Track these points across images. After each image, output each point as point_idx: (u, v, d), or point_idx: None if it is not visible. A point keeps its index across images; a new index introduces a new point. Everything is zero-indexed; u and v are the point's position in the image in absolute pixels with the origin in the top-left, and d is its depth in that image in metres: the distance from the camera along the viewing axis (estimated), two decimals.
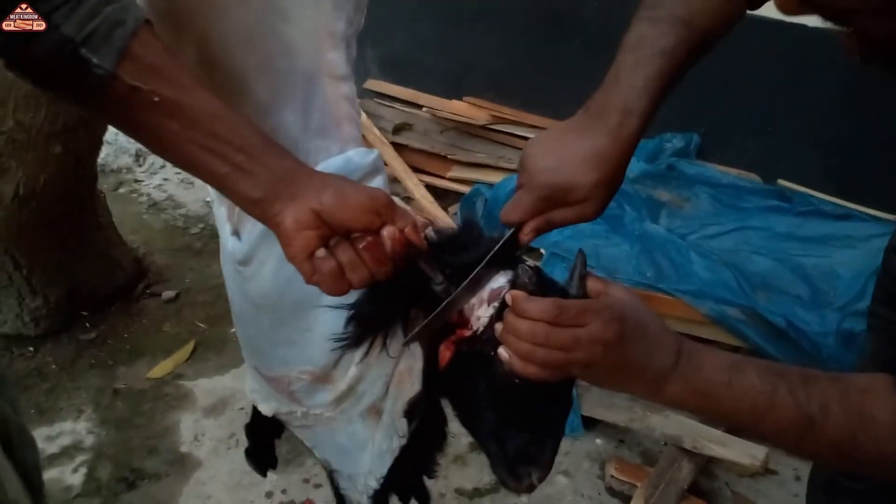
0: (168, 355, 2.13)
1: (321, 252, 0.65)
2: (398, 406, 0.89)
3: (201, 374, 2.08)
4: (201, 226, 2.79)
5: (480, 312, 0.74)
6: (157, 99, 0.59)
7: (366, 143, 0.97)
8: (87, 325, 2.22)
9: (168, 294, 2.37)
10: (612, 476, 1.69)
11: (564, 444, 1.83)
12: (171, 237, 2.72)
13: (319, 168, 0.78)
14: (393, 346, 0.79)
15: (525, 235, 0.75)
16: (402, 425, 0.89)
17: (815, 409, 0.64)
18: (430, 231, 0.75)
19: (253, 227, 0.84)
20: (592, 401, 1.81)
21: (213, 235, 2.73)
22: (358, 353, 0.85)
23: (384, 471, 0.95)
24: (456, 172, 2.81)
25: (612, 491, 1.69)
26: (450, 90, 3.20)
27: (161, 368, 2.08)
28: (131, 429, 1.89)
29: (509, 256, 0.75)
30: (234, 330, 2.24)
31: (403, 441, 0.91)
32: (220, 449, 1.84)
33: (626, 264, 2.15)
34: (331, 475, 1.06)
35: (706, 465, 1.72)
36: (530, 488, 0.74)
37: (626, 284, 0.74)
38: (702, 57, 0.79)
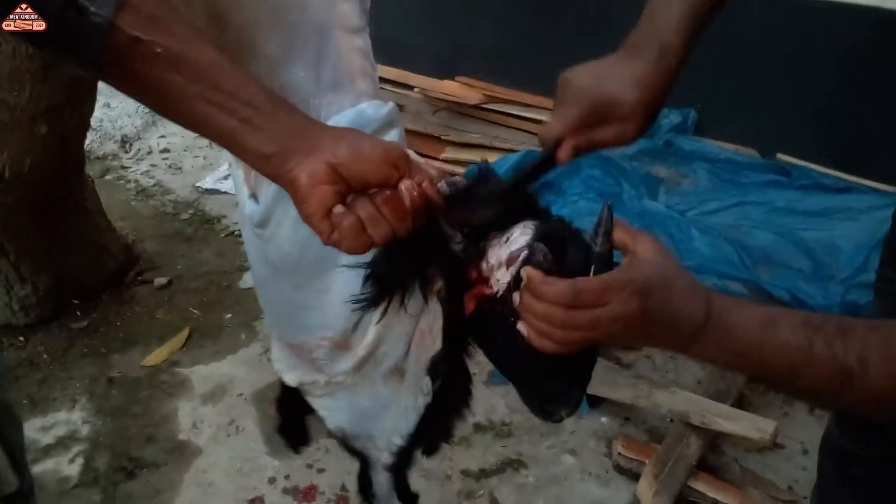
0: (162, 343, 2.08)
1: (339, 208, 0.62)
2: (421, 364, 0.87)
3: (197, 361, 2.03)
4: (191, 212, 2.73)
5: (499, 275, 0.71)
6: (159, 50, 0.56)
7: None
8: (79, 313, 2.17)
9: (160, 281, 2.32)
10: (620, 454, 1.67)
11: (569, 422, 1.81)
12: (160, 223, 2.66)
13: (331, 122, 0.75)
14: (412, 305, 0.76)
15: (564, 152, 0.72)
16: (426, 383, 0.87)
17: (853, 361, 0.60)
18: (443, 185, 0.71)
19: (269, 188, 0.81)
20: (596, 379, 1.79)
21: (203, 221, 2.68)
22: (376, 315, 0.82)
23: (410, 428, 0.94)
24: (450, 153, 2.78)
25: (619, 468, 1.68)
26: (442, 70, 3.16)
27: (156, 356, 2.04)
28: (128, 417, 1.85)
29: (535, 208, 0.72)
30: (229, 316, 2.20)
31: (428, 399, 0.89)
32: (219, 436, 1.80)
33: None
34: (344, 441, 1.04)
35: (714, 441, 1.71)
36: (560, 421, 0.73)
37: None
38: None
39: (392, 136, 0.81)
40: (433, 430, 0.97)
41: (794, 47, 2.41)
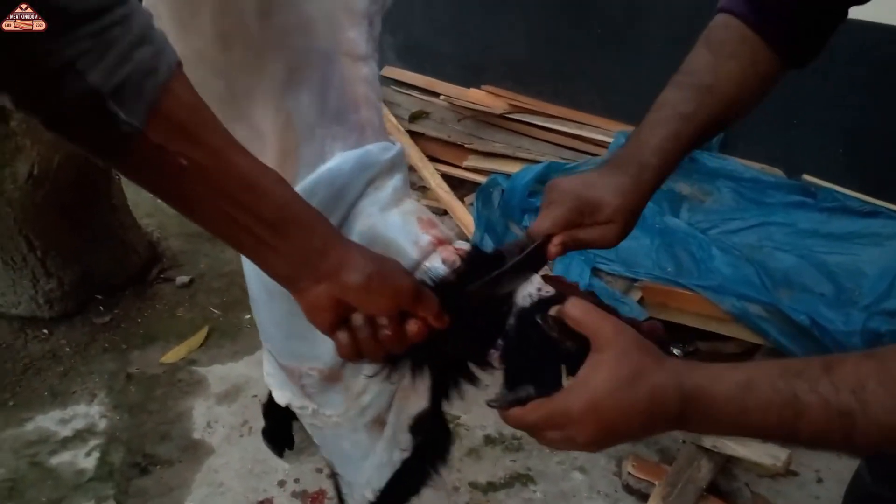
0: (182, 341, 2.12)
1: (341, 334, 0.66)
2: (401, 419, 0.87)
3: (215, 361, 2.06)
4: None
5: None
6: (184, 162, 0.55)
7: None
8: (101, 308, 2.22)
9: (182, 279, 2.36)
10: (630, 473, 1.66)
11: None
12: (185, 222, 2.66)
13: (336, 161, 0.75)
14: (396, 376, 0.77)
15: (553, 247, 0.78)
16: (405, 439, 0.87)
17: (846, 399, 0.56)
18: (433, 272, 0.74)
19: None
20: None
21: None
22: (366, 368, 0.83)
23: (381, 484, 0.93)
24: (472, 162, 2.78)
25: (628, 488, 1.67)
26: (467, 78, 3.16)
27: (174, 354, 2.07)
28: (144, 414, 1.88)
29: (536, 264, 0.76)
30: (248, 317, 2.22)
31: (406, 454, 0.89)
32: (232, 436, 1.82)
33: (646, 258, 2.12)
34: (334, 477, 1.04)
35: (725, 465, 1.69)
36: None
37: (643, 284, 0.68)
38: (732, 120, 0.85)
39: (396, 179, 0.80)
40: (404, 489, 0.96)
41: (824, 67, 2.38)
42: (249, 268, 0.91)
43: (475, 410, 1.85)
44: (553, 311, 0.67)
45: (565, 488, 1.69)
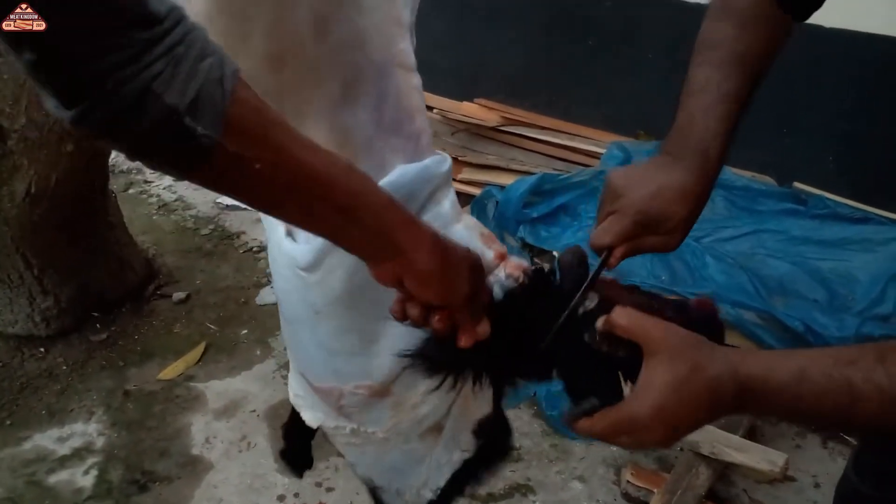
0: (179, 357, 2.12)
1: (398, 305, 0.71)
2: (461, 422, 0.87)
3: (212, 376, 2.06)
4: (211, 227, 2.78)
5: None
6: (258, 166, 0.57)
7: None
8: (98, 325, 2.21)
9: (179, 295, 2.36)
10: (628, 482, 1.66)
11: (579, 449, 1.81)
12: (181, 238, 2.71)
13: (396, 174, 0.76)
14: (455, 387, 0.78)
15: (614, 259, 0.77)
16: (467, 440, 0.87)
17: None
18: (497, 290, 0.77)
19: None
20: None
21: (223, 237, 2.72)
22: (428, 381, 0.83)
23: (441, 482, 0.93)
24: (467, 174, 2.80)
25: (628, 497, 1.67)
26: (460, 91, 3.19)
27: (172, 370, 2.07)
28: (142, 431, 1.88)
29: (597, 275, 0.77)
30: (245, 332, 2.23)
31: (467, 454, 0.90)
32: (231, 452, 1.82)
33: (641, 267, 2.13)
34: (373, 491, 1.04)
35: (724, 472, 1.70)
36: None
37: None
38: (761, 85, 0.83)
39: (451, 194, 0.81)
40: (464, 484, 0.97)
41: (813, 76, 2.41)
42: (290, 290, 0.89)
43: None
44: (600, 322, 0.68)
45: (565, 498, 1.69)
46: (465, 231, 0.79)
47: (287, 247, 0.84)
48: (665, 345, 0.64)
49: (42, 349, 2.12)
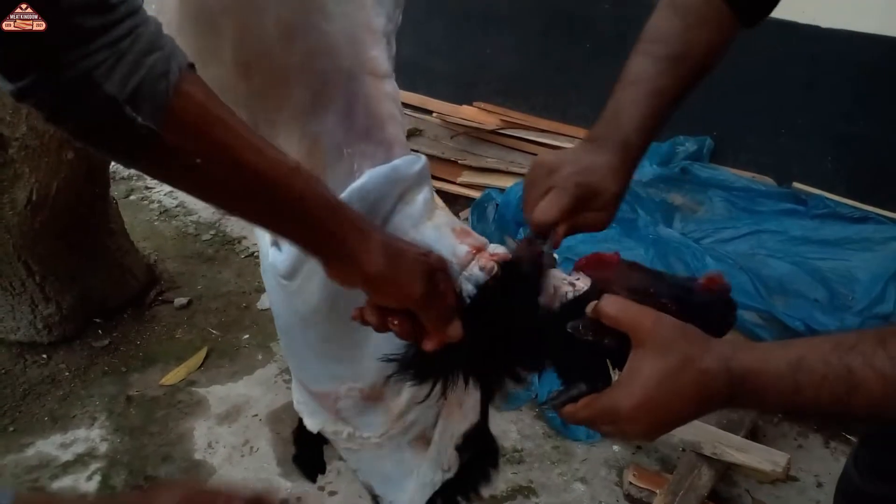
0: (181, 362, 2.12)
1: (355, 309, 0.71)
2: (445, 437, 0.86)
3: (214, 381, 2.07)
4: (212, 232, 2.78)
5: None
6: (198, 160, 0.58)
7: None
8: (100, 332, 2.22)
9: (180, 301, 2.36)
10: (631, 483, 1.66)
11: (581, 450, 1.81)
12: (182, 244, 2.72)
13: (367, 177, 0.76)
14: (440, 395, 0.77)
15: (558, 237, 0.77)
16: (449, 457, 0.87)
17: None
18: (468, 286, 0.76)
19: None
20: None
21: (224, 242, 2.73)
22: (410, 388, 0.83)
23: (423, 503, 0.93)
24: (466, 177, 2.81)
25: (630, 498, 1.67)
26: (459, 95, 3.20)
27: (174, 375, 2.07)
28: (145, 436, 1.88)
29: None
30: (246, 336, 2.23)
31: (449, 475, 0.89)
32: (234, 456, 1.83)
33: None
34: (374, 499, 1.04)
35: (726, 472, 1.70)
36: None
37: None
38: (699, 83, 0.84)
39: (423, 192, 0.81)
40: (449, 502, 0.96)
41: (812, 76, 2.42)
42: (276, 299, 0.90)
43: None
44: (589, 308, 0.67)
45: (567, 500, 1.69)
46: (434, 230, 0.79)
47: (272, 256, 0.86)
48: (653, 336, 0.62)
49: (44, 356, 2.12)
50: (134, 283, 2.35)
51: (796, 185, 2.50)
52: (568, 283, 0.77)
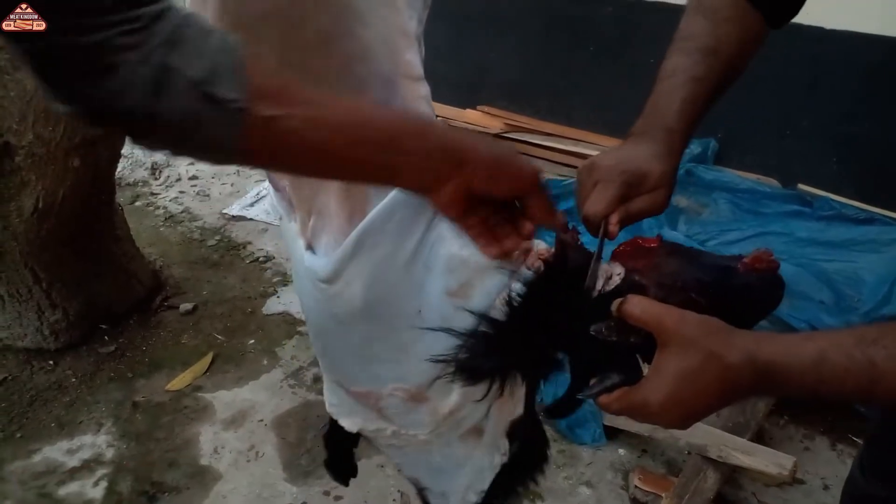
0: (186, 367, 2.13)
1: (471, 219, 0.70)
2: (500, 426, 0.87)
3: (220, 387, 2.07)
4: (217, 238, 2.79)
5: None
6: (294, 122, 0.57)
7: None
8: (106, 338, 2.23)
9: (186, 306, 2.37)
10: (636, 486, 1.66)
11: (586, 454, 1.81)
12: (187, 250, 2.73)
13: (391, 196, 0.78)
14: (491, 391, 0.77)
15: (612, 227, 0.76)
16: (504, 444, 0.88)
17: None
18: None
19: (335, 244, 0.81)
20: None
21: (229, 247, 2.74)
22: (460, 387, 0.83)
23: (485, 486, 0.93)
24: None
25: (636, 501, 1.67)
26: (463, 99, 3.20)
27: (180, 381, 2.08)
28: (151, 442, 1.89)
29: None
30: (252, 341, 2.24)
31: (505, 459, 0.90)
32: (240, 462, 1.83)
33: None
34: (421, 492, 1.04)
35: (732, 475, 1.69)
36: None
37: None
38: (733, 82, 0.85)
39: None
40: (508, 488, 0.97)
41: (816, 77, 2.41)
42: (312, 303, 0.90)
43: None
44: (613, 306, 0.67)
45: None
46: None
47: (308, 260, 0.86)
48: (677, 336, 0.64)
49: (51, 362, 2.13)
50: (140, 288, 2.36)
51: (801, 186, 2.49)
52: (607, 275, 0.76)
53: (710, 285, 0.72)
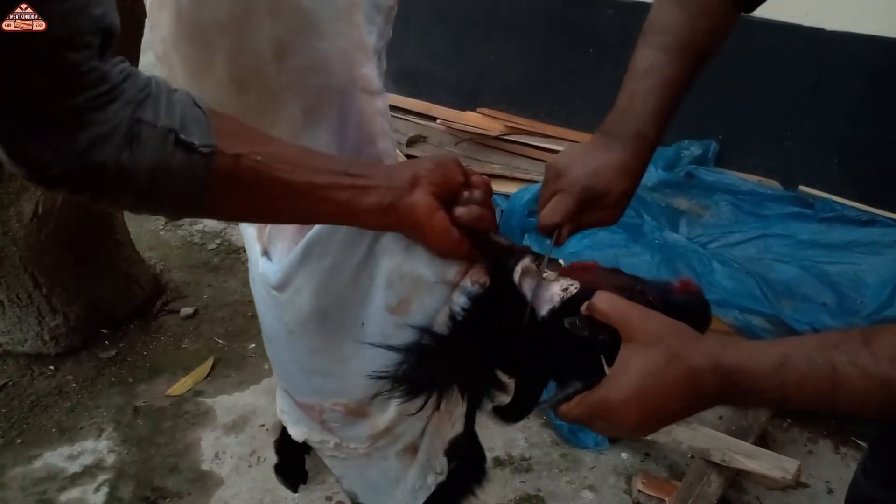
0: (187, 372, 2.12)
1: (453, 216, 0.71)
2: (436, 444, 0.86)
3: (221, 391, 2.07)
4: (218, 241, 2.79)
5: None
6: (259, 158, 0.60)
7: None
8: (107, 342, 2.22)
9: (186, 311, 2.37)
10: (640, 490, 1.66)
11: (589, 458, 1.80)
12: (188, 254, 2.72)
13: None
14: (447, 403, 0.78)
15: (562, 238, 0.80)
16: (440, 463, 0.87)
17: (886, 368, 0.55)
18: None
19: (287, 251, 0.82)
20: None
21: (230, 251, 2.73)
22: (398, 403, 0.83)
23: None
24: None
25: None
26: (463, 101, 3.20)
27: (181, 386, 2.07)
28: (152, 447, 1.88)
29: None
30: (253, 346, 2.23)
31: (441, 478, 0.89)
32: (241, 467, 1.82)
33: (648, 274, 2.13)
34: None
35: (735, 479, 1.69)
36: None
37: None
38: (702, 72, 0.86)
39: None
40: None
41: (816, 78, 2.41)
42: (265, 309, 0.90)
43: (482, 432, 1.84)
44: (583, 307, 0.68)
45: None
46: (425, 252, 0.78)
47: (262, 266, 0.86)
48: (643, 331, 0.63)
49: (52, 367, 2.12)
50: (140, 293, 2.36)
51: (802, 188, 2.49)
52: (561, 288, 0.77)
53: (657, 298, 0.73)
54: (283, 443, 1.09)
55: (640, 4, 2.63)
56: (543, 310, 0.73)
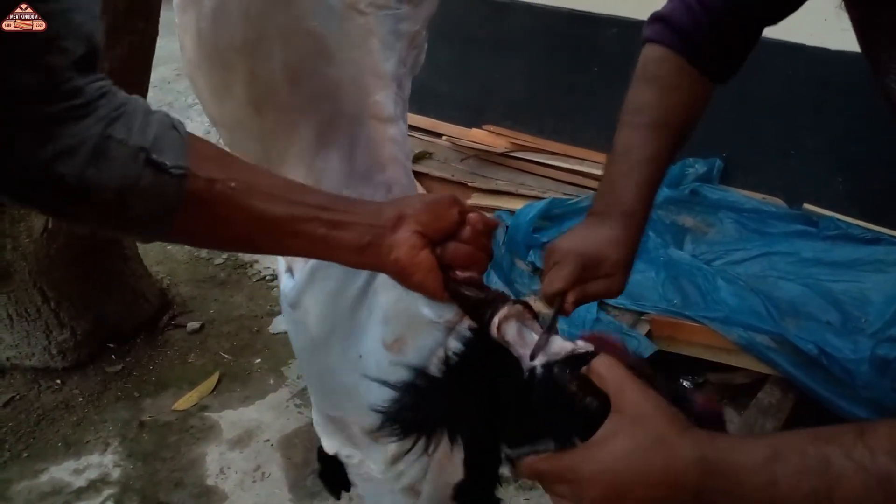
0: (193, 387, 2.13)
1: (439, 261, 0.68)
2: (437, 488, 0.86)
3: (226, 406, 2.07)
4: (224, 256, 2.80)
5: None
6: (233, 185, 0.59)
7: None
8: (114, 357, 2.24)
9: (193, 325, 2.38)
10: None
11: None
12: (195, 268, 2.74)
13: None
14: (427, 448, 0.76)
15: (568, 305, 0.80)
16: None
17: (884, 462, 0.52)
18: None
19: (303, 266, 0.83)
20: None
21: (236, 266, 2.75)
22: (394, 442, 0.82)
23: None
24: (476, 199, 2.82)
25: None
26: (469, 118, 3.22)
27: (186, 400, 2.08)
28: (157, 461, 1.89)
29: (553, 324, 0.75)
30: (258, 361, 2.24)
31: None
32: (245, 482, 1.83)
33: (653, 291, 2.13)
34: None
35: None
36: None
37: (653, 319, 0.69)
38: (684, 144, 0.89)
39: None
40: None
41: (820, 97, 2.42)
42: (290, 326, 0.91)
43: None
44: (584, 369, 0.64)
45: None
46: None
47: (284, 283, 0.88)
48: (635, 405, 0.59)
49: (58, 381, 2.14)
50: (147, 307, 2.37)
51: (807, 206, 2.49)
52: (572, 346, 0.73)
53: (674, 397, 0.66)
54: (322, 453, 1.09)
55: (643, 23, 2.66)
56: (537, 360, 0.69)
